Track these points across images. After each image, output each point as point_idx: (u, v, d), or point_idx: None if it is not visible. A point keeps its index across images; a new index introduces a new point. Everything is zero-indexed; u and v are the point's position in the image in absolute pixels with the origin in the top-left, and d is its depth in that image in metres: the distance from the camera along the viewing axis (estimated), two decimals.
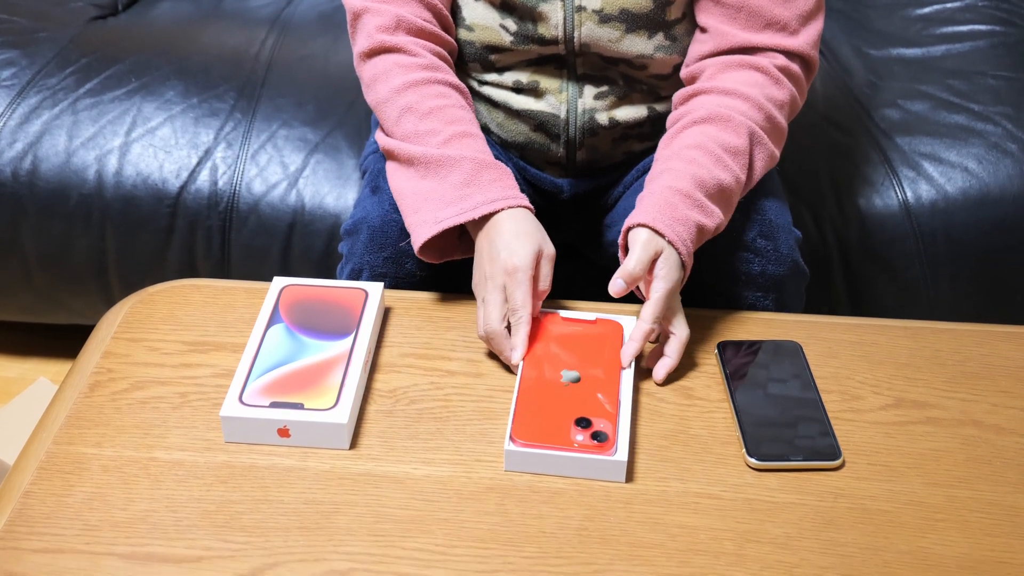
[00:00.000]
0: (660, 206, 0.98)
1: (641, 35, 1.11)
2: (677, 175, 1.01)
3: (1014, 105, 1.52)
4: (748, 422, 0.92)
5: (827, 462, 0.88)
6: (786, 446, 0.89)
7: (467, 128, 1.05)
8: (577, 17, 1.10)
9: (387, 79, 1.08)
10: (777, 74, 1.07)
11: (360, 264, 1.10)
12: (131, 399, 0.94)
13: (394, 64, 1.08)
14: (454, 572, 0.79)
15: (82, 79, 1.59)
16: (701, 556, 0.81)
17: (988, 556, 0.81)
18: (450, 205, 1.00)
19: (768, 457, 0.88)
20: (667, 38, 1.12)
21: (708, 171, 1.01)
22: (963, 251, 1.44)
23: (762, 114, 1.05)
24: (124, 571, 0.79)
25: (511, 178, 1.03)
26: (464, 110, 1.08)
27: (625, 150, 1.21)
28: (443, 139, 1.04)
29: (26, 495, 0.85)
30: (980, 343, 1.02)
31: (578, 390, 0.92)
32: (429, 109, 1.06)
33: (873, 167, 1.48)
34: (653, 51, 1.12)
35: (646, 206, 0.98)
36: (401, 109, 1.07)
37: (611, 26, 1.10)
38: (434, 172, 1.03)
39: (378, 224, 1.09)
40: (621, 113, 1.17)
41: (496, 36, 1.13)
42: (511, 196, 1.00)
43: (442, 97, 1.07)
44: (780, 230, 1.09)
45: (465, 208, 1.00)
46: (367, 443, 0.90)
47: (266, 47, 1.70)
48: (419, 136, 1.05)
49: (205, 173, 1.50)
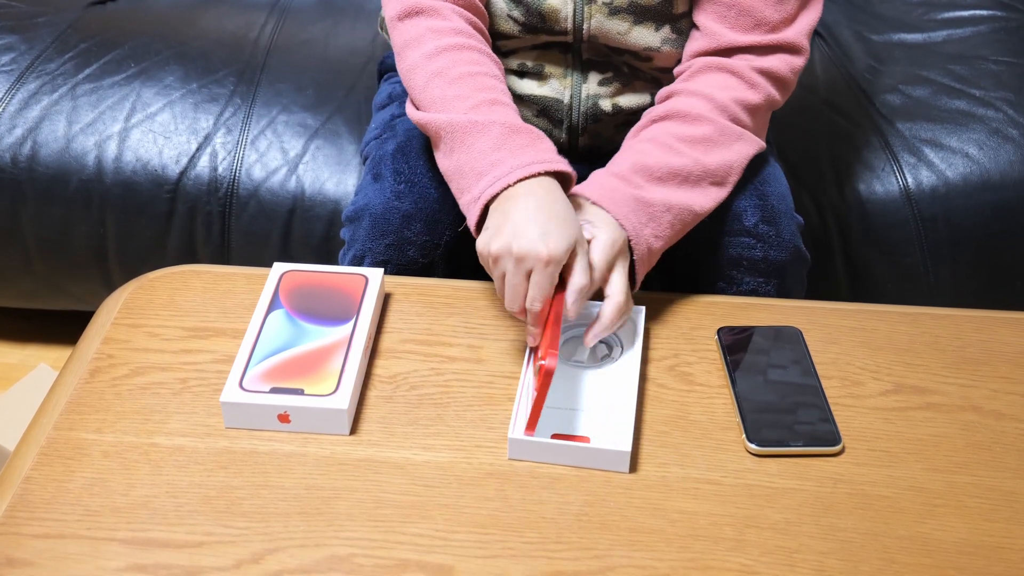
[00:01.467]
0: (592, 185, 1.00)
1: (649, 27, 1.11)
2: (616, 163, 1.02)
3: (1015, 90, 1.51)
4: (748, 408, 0.92)
5: (827, 448, 0.89)
6: (786, 432, 0.90)
7: (498, 96, 1.01)
8: (587, 9, 1.09)
9: (419, 44, 1.05)
10: (752, 76, 1.06)
11: (362, 251, 1.10)
12: (131, 385, 0.94)
13: (426, 29, 1.05)
14: (454, 557, 0.79)
15: (81, 64, 1.59)
16: (701, 541, 0.81)
17: (987, 541, 0.82)
18: (483, 176, 0.96)
19: (768, 443, 0.88)
20: (674, 31, 1.12)
21: (655, 159, 1.01)
22: (963, 236, 1.44)
23: (726, 115, 1.05)
24: (125, 556, 0.79)
25: (546, 141, 0.98)
26: (497, 79, 1.04)
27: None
28: (471, 104, 1.00)
29: (27, 481, 0.85)
30: (980, 329, 1.02)
31: None
32: (460, 75, 1.02)
33: (874, 152, 1.48)
34: (660, 44, 1.12)
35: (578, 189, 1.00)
36: (431, 74, 1.03)
37: (620, 18, 1.10)
38: (460, 142, 0.98)
39: (380, 211, 1.09)
40: (624, 100, 1.16)
41: (504, 24, 1.12)
42: (547, 160, 0.95)
43: (475, 64, 1.03)
44: (782, 216, 1.09)
45: (499, 175, 0.94)
46: (367, 429, 0.90)
47: (265, 32, 1.70)
48: (446, 101, 1.01)
49: (205, 159, 1.50)
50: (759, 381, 0.95)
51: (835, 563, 0.79)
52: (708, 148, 1.03)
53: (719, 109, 1.05)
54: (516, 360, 0.97)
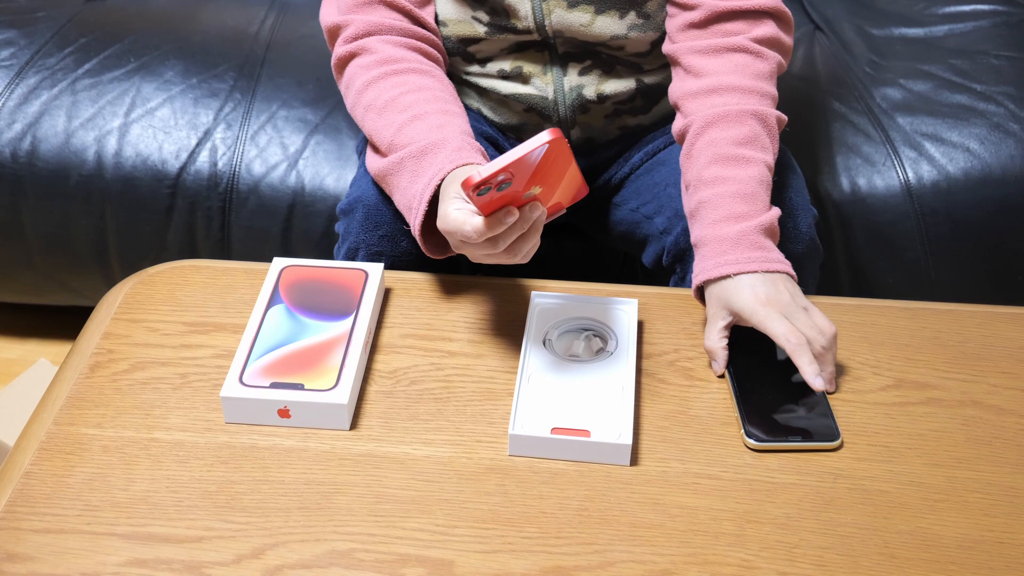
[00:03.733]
0: (712, 254, 0.97)
1: (612, 16, 1.10)
2: (713, 207, 0.99)
3: (1016, 85, 1.51)
4: (747, 403, 0.92)
5: (826, 443, 0.88)
6: (784, 427, 0.89)
7: (417, 112, 1.02)
8: (545, 6, 1.09)
9: (351, 85, 1.08)
10: (758, 48, 1.05)
11: (356, 243, 1.10)
12: (131, 380, 0.94)
13: (357, 68, 1.08)
14: (454, 552, 0.79)
15: (81, 59, 1.58)
16: (701, 536, 0.81)
17: (987, 536, 0.82)
18: (411, 210, 0.99)
19: (766, 438, 0.88)
20: (639, 16, 1.11)
21: (736, 180, 0.99)
22: (965, 232, 1.44)
23: (755, 95, 1.04)
24: (125, 551, 0.79)
25: (446, 146, 0.98)
26: (420, 91, 1.05)
27: (619, 125, 1.21)
28: (393, 131, 1.02)
29: (27, 475, 0.85)
30: (981, 324, 1.02)
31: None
32: (384, 103, 1.04)
33: (875, 147, 1.47)
34: (627, 31, 1.11)
35: (702, 257, 0.98)
36: (364, 110, 1.06)
37: (580, 10, 1.09)
38: (390, 186, 1.03)
39: (373, 203, 1.09)
40: (609, 87, 1.16)
41: (470, 28, 1.12)
42: (440, 169, 0.96)
43: (398, 87, 1.05)
44: (800, 208, 1.09)
45: (415, 205, 0.98)
46: (367, 424, 0.90)
47: (266, 26, 1.69)
48: (378, 132, 1.04)
49: (205, 154, 1.50)
50: (759, 376, 0.95)
51: (835, 558, 0.79)
52: (764, 144, 1.03)
53: (747, 92, 1.03)
54: (516, 355, 0.97)
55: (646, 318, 1.02)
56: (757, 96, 1.04)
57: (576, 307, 1.00)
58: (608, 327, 0.98)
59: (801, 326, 0.92)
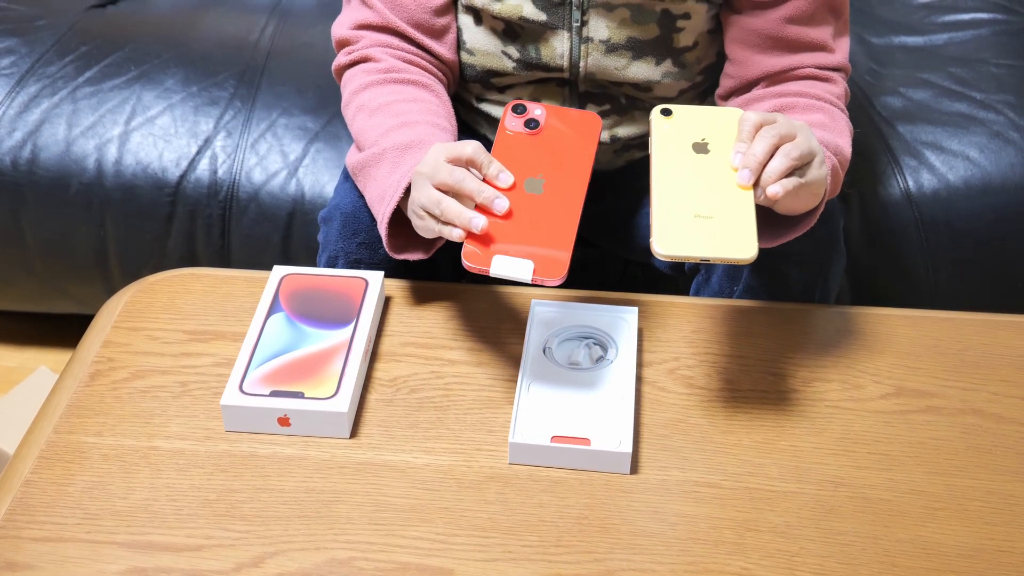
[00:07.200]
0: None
1: (648, 61, 1.10)
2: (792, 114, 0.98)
3: (1016, 93, 1.51)
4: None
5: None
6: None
7: (407, 119, 1.02)
8: (583, 48, 1.09)
9: (349, 84, 1.09)
10: (826, 73, 1.06)
11: (335, 251, 1.10)
12: (131, 388, 0.94)
13: (358, 71, 1.09)
14: (454, 561, 0.79)
15: (81, 67, 1.59)
16: (701, 545, 0.81)
17: (987, 545, 0.82)
18: (383, 199, 0.98)
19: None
20: (676, 65, 1.11)
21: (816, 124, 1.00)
22: (965, 240, 1.44)
23: (825, 102, 1.04)
24: (125, 559, 0.79)
25: (426, 143, 0.98)
26: (413, 102, 1.05)
27: (627, 159, 1.20)
28: (381, 132, 1.02)
29: (27, 484, 0.85)
30: (981, 332, 1.02)
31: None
32: (378, 106, 1.05)
33: (875, 155, 1.47)
34: (661, 77, 1.11)
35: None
36: (356, 109, 1.06)
37: (618, 55, 1.09)
38: (365, 176, 1.02)
39: (350, 210, 1.09)
40: (623, 131, 1.16)
41: (498, 62, 1.12)
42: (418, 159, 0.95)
43: (395, 93, 1.06)
44: (830, 212, 1.08)
45: (389, 193, 0.96)
46: (367, 432, 0.90)
47: (266, 34, 1.70)
48: (365, 132, 1.04)
49: (205, 162, 1.50)
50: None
51: (835, 567, 0.79)
52: (838, 127, 1.03)
53: (816, 99, 1.04)
54: (516, 363, 0.97)
55: (646, 326, 1.02)
56: (826, 103, 1.04)
57: (576, 315, 1.00)
58: (608, 335, 0.98)
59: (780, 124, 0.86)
